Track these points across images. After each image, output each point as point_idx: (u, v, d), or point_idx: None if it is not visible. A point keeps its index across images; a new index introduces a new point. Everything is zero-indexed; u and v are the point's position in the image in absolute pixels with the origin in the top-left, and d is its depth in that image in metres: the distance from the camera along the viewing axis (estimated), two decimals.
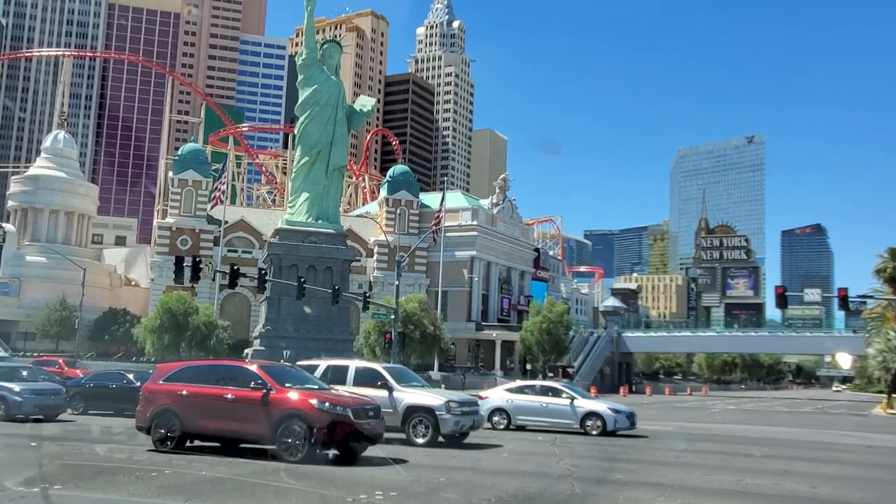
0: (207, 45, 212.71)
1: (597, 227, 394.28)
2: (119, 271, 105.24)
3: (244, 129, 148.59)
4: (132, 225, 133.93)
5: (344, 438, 15.49)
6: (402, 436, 19.62)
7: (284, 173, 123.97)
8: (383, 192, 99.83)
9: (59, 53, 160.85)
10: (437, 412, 19.55)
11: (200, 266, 41.15)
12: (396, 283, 52.04)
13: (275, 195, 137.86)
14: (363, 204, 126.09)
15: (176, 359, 64.01)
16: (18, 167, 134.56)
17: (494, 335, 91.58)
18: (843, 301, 40.00)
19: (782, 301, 43.12)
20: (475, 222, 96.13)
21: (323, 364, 22.26)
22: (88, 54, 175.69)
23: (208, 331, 68.61)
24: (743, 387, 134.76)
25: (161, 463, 14.91)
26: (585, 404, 26.45)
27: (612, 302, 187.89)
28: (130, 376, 30.53)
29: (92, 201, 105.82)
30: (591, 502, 12.63)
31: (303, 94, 68.90)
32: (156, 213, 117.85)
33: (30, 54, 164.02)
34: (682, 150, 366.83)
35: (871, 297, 48.24)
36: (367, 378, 21.06)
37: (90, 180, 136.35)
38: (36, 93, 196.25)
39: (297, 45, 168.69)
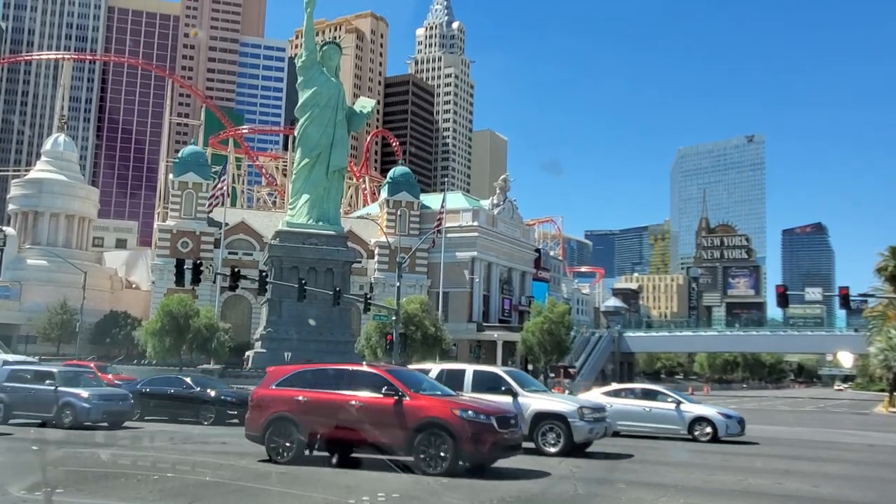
0: (207, 47, 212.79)
1: (597, 227, 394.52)
2: (120, 274, 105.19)
3: (244, 131, 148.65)
4: (133, 228, 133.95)
5: (490, 449, 14.41)
6: (530, 444, 18.13)
7: (285, 175, 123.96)
8: (384, 194, 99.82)
9: (58, 57, 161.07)
10: (569, 419, 18.49)
11: (201, 269, 41.14)
12: (397, 284, 52.08)
13: (275, 197, 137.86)
14: (364, 205, 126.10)
15: (178, 362, 64.12)
16: (19, 171, 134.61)
17: (496, 336, 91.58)
18: (845, 300, 39.99)
19: (783, 300, 43.14)
20: (476, 223, 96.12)
21: (436, 368, 21.11)
22: (88, 57, 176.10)
23: (209, 333, 68.48)
24: (745, 386, 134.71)
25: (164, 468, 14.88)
26: (693, 409, 25.24)
27: (614, 302, 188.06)
28: (188, 380, 30.04)
29: (92, 204, 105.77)
30: (595, 502, 12.64)
31: (302, 96, 68.92)
32: (156, 216, 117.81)
33: (29, 58, 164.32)
34: (683, 150, 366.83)
35: (872, 295, 48.18)
36: (487, 383, 19.75)
37: (90, 183, 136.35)
38: (36, 96, 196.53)
39: (296, 46, 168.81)
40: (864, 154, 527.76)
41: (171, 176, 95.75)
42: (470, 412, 14.37)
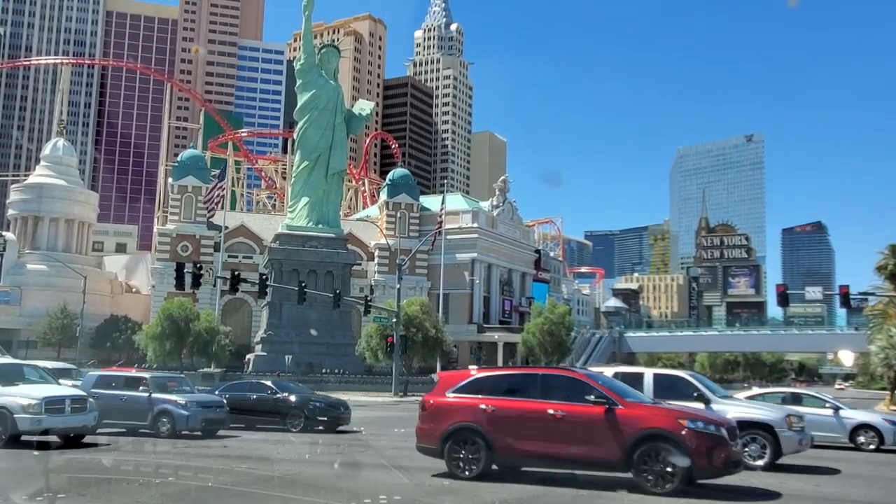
0: (206, 50, 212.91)
1: (597, 227, 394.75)
2: (120, 278, 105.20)
3: (243, 134, 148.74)
4: (132, 232, 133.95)
5: (723, 464, 12.83)
6: None
7: (284, 178, 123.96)
8: (383, 196, 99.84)
9: (57, 61, 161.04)
10: (776, 429, 16.64)
11: (201, 272, 41.20)
12: (398, 286, 52.21)
13: (275, 200, 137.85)
14: (363, 207, 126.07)
15: (178, 366, 63.99)
16: (18, 175, 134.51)
17: (496, 337, 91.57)
18: (845, 298, 40.01)
19: (784, 299, 43.30)
20: (476, 224, 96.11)
21: (609, 371, 19.05)
22: (87, 62, 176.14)
23: (210, 337, 68.51)
24: (746, 385, 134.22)
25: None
26: (854, 415, 23.10)
27: (614, 302, 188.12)
28: (268, 382, 28.90)
29: (92, 209, 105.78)
30: (601, 501, 12.59)
31: (301, 99, 69.18)
32: (156, 220, 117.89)
33: (28, 63, 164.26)
34: (682, 150, 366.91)
35: (872, 294, 48.19)
36: (673, 388, 17.51)
37: (90, 188, 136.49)
38: (35, 101, 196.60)
39: (295, 49, 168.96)
40: (864, 153, 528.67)
41: (170, 180, 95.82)
42: (700, 423, 12.90)
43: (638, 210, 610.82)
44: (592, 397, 13.21)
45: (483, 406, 13.96)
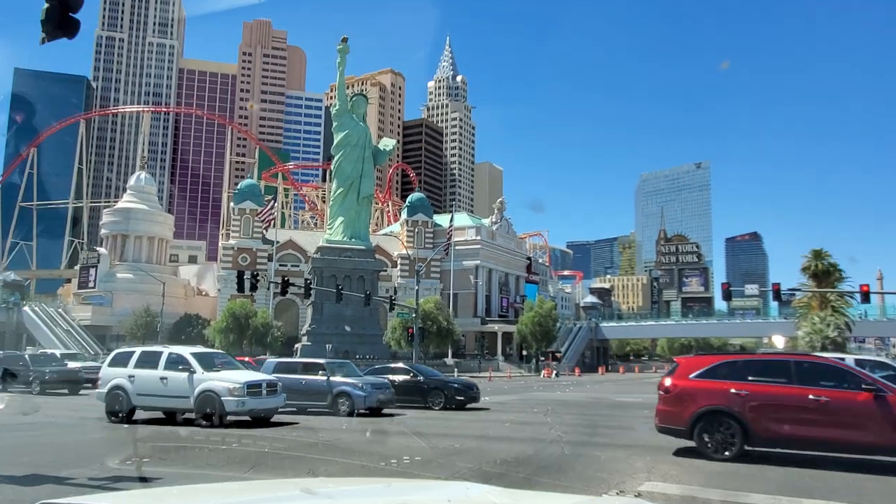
0: (259, 99, 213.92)
1: (576, 238, 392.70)
2: (192, 284, 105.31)
3: (290, 166, 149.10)
4: (202, 246, 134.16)
5: None
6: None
7: (323, 201, 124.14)
8: (404, 215, 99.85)
9: (139, 110, 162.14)
10: None
11: (257, 278, 41.31)
12: (416, 287, 52.14)
13: (316, 219, 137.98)
14: (388, 225, 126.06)
15: (240, 354, 63.98)
16: (109, 202, 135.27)
17: (496, 328, 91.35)
18: (777, 294, 40.01)
19: (727, 295, 43.60)
20: (478, 237, 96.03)
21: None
22: (163, 109, 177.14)
23: (265, 330, 68.63)
24: None
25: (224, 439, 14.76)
26: None
27: (591, 299, 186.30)
28: (411, 368, 26.76)
29: (169, 228, 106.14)
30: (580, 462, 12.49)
31: (337, 138, 69.23)
32: (220, 237, 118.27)
33: (116, 111, 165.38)
34: (644, 175, 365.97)
35: (798, 290, 48.12)
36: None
37: (167, 211, 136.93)
38: (122, 142, 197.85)
39: (331, 98, 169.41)
40: (792, 173, 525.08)
41: (232, 204, 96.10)
42: None
43: (609, 224, 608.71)
44: (862, 385, 11.37)
45: (735, 390, 12.04)
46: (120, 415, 17.71)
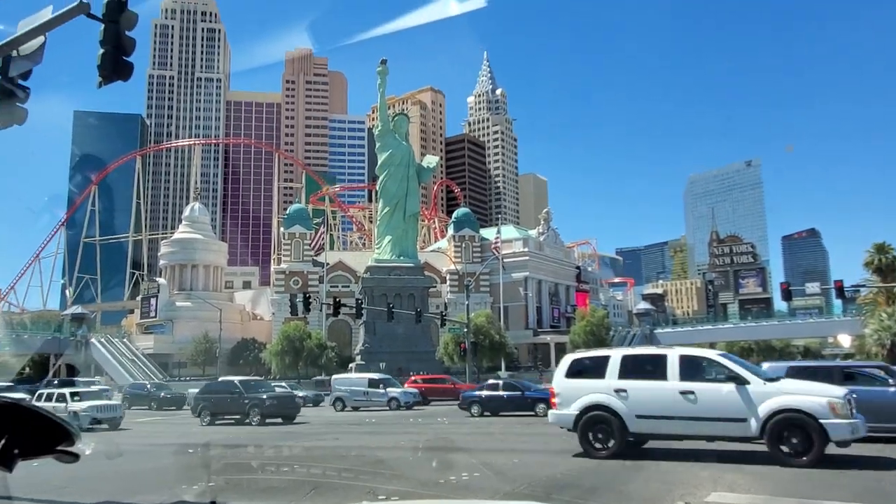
0: (303, 125, 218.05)
1: (626, 244, 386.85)
2: (247, 309, 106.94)
3: (336, 189, 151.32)
4: (255, 272, 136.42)
5: None
6: None
7: (371, 222, 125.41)
8: (450, 231, 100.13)
9: (191, 143, 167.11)
10: None
11: (310, 300, 41.88)
12: (466, 302, 52.04)
13: (364, 239, 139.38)
14: (435, 241, 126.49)
15: (296, 376, 64.71)
16: (166, 234, 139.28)
17: (548, 339, 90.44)
18: (840, 291, 38.59)
19: (787, 294, 42.28)
20: (526, 249, 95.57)
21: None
22: (213, 141, 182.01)
23: (319, 351, 69.26)
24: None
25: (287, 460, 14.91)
26: None
27: (643, 305, 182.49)
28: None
29: (223, 256, 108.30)
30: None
31: (381, 158, 70.04)
32: (272, 261, 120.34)
33: (169, 146, 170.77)
34: (693, 176, 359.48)
35: (863, 286, 46.59)
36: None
37: (220, 239, 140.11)
38: (175, 175, 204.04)
39: (373, 119, 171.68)
40: (848, 168, 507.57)
41: (282, 229, 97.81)
42: None
43: (658, 228, 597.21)
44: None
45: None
46: (609, 446, 12.79)
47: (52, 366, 77.48)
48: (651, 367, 12.99)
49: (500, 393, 29.68)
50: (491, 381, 33.18)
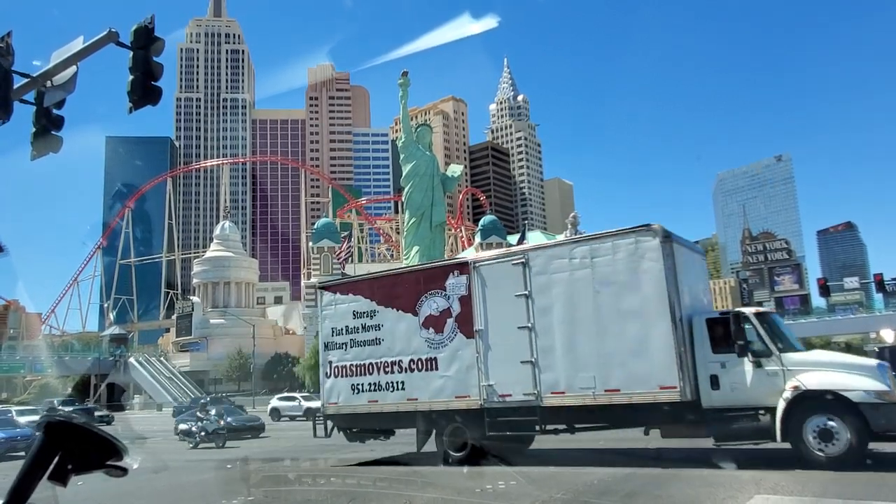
0: (328, 140, 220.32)
1: None
2: (279, 324, 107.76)
3: (362, 202, 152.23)
4: (286, 287, 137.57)
5: None
6: None
7: (398, 233, 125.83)
8: (477, 239, 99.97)
9: (219, 163, 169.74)
10: None
11: None
12: None
13: (392, 251, 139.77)
14: (462, 250, 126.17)
15: None
16: (198, 252, 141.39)
17: None
18: (880, 285, 37.88)
19: (825, 290, 41.40)
20: None
21: None
22: (240, 160, 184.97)
23: None
24: None
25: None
26: None
27: None
28: None
29: (254, 272, 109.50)
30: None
31: (405, 169, 70.11)
32: (302, 276, 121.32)
33: (198, 166, 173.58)
34: (721, 174, 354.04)
35: None
36: None
37: (251, 255, 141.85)
38: (205, 194, 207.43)
39: (396, 131, 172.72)
40: (883, 159, 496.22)
41: (310, 243, 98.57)
42: None
43: (688, 228, 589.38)
44: None
45: None
46: None
47: (92, 386, 78.92)
48: None
49: None
50: None
